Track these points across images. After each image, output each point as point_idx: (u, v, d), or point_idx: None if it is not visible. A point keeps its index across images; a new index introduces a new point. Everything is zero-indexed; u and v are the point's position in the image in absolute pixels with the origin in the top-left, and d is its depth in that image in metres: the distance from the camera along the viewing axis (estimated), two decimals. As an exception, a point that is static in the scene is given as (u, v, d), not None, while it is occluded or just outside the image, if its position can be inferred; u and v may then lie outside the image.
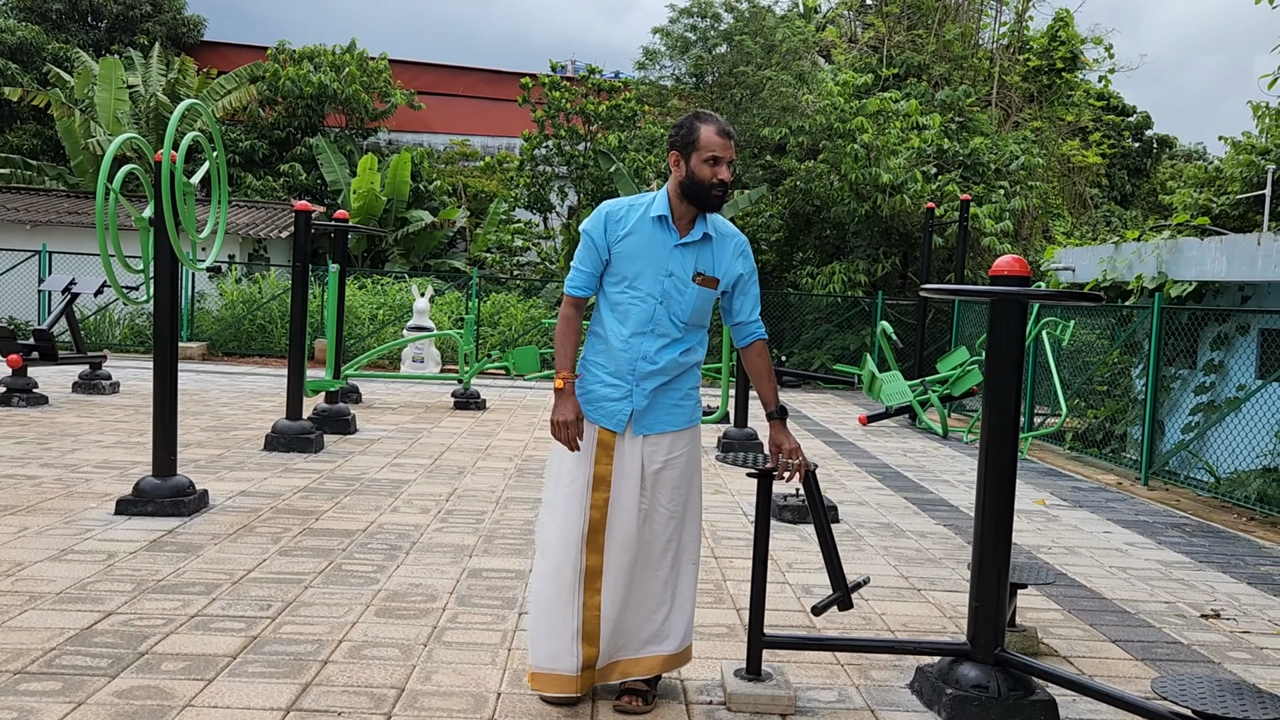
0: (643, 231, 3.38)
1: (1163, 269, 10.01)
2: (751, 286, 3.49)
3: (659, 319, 3.36)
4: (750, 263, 3.50)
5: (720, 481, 8.04)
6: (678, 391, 3.44)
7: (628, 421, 3.37)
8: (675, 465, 3.43)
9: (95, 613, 4.16)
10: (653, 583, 3.44)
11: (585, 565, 3.38)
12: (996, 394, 3.63)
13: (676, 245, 3.38)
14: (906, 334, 17.00)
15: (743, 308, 3.49)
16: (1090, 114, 23.58)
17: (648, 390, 3.38)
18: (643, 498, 3.40)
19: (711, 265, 3.41)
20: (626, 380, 3.38)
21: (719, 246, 3.43)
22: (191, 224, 6.18)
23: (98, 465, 7.35)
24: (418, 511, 6.39)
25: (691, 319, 3.40)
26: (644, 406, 3.38)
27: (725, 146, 3.33)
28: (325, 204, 23.50)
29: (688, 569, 3.49)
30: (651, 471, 3.40)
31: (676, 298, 3.36)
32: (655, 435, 3.41)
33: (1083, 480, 9.18)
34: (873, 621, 4.64)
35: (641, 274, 3.36)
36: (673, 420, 3.43)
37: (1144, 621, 4.86)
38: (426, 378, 13.80)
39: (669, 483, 3.42)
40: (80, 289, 11.80)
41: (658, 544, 3.42)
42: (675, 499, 3.43)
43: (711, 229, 3.42)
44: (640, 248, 3.37)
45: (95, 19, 28.98)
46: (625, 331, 3.37)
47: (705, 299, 3.41)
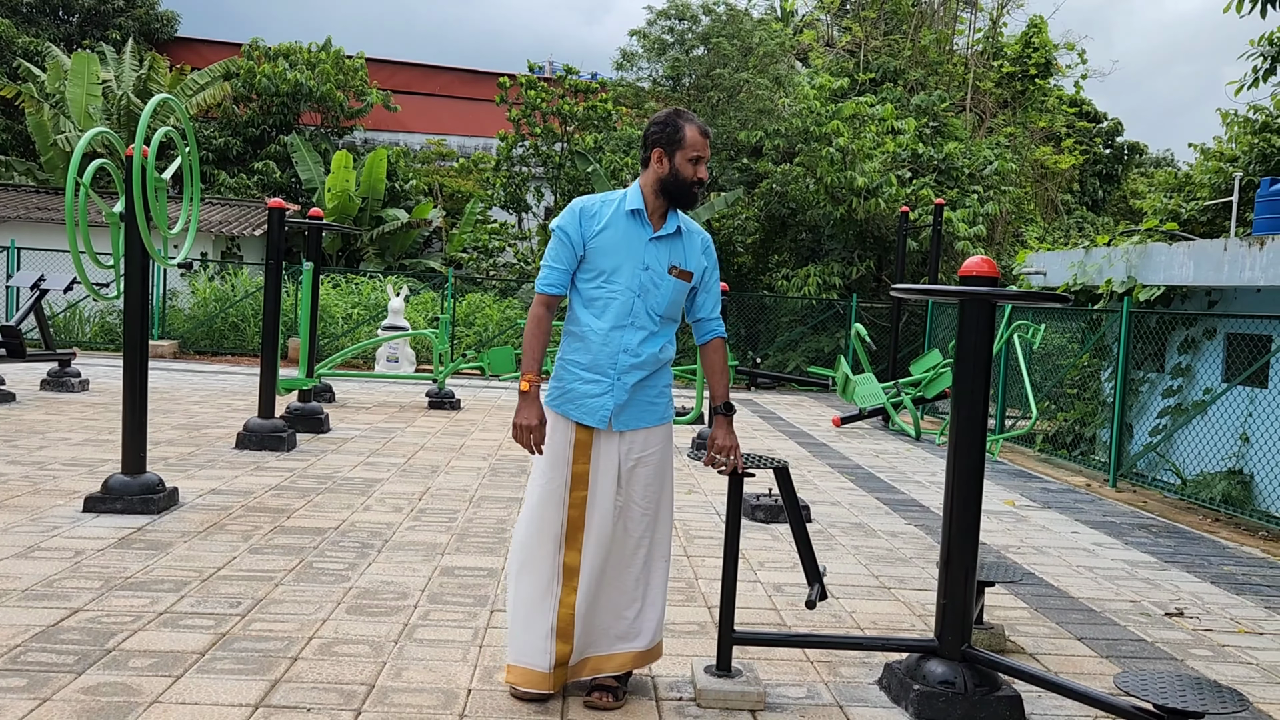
0: (618, 226, 3.42)
1: (1132, 273, 10.14)
2: (714, 283, 3.57)
3: (637, 312, 3.41)
4: (714, 259, 3.58)
5: (694, 481, 8.07)
6: (653, 388, 3.48)
7: (610, 417, 3.39)
8: (649, 462, 3.46)
9: (62, 609, 4.12)
10: (625, 579, 3.46)
11: (563, 563, 3.40)
12: (965, 392, 3.67)
13: (651, 239, 3.44)
14: (880, 337, 17.12)
15: (705, 303, 3.56)
16: (1063, 120, 23.86)
17: (629, 385, 3.40)
18: (618, 495, 3.42)
19: (684, 259, 3.47)
20: (608, 375, 3.40)
21: (689, 241, 3.50)
22: (163, 220, 6.13)
23: (66, 463, 7.27)
24: (390, 510, 6.37)
25: (666, 312, 3.46)
26: (624, 401, 3.41)
27: (705, 146, 3.44)
28: (300, 202, 23.35)
29: (659, 566, 3.52)
30: (626, 469, 3.43)
31: (653, 291, 3.41)
32: (631, 431, 3.44)
33: (1052, 482, 9.28)
34: (843, 619, 4.68)
35: (620, 268, 3.39)
36: (648, 416, 3.47)
37: (1109, 620, 4.93)
38: (401, 377, 13.75)
39: (642, 480, 3.45)
40: (49, 285, 11.66)
41: (631, 541, 3.45)
42: (649, 496, 3.46)
43: (683, 224, 3.51)
44: (616, 242, 3.41)
45: (67, 13, 28.67)
46: (604, 325, 3.40)
47: (679, 291, 3.46)
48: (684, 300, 3.51)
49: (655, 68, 20.09)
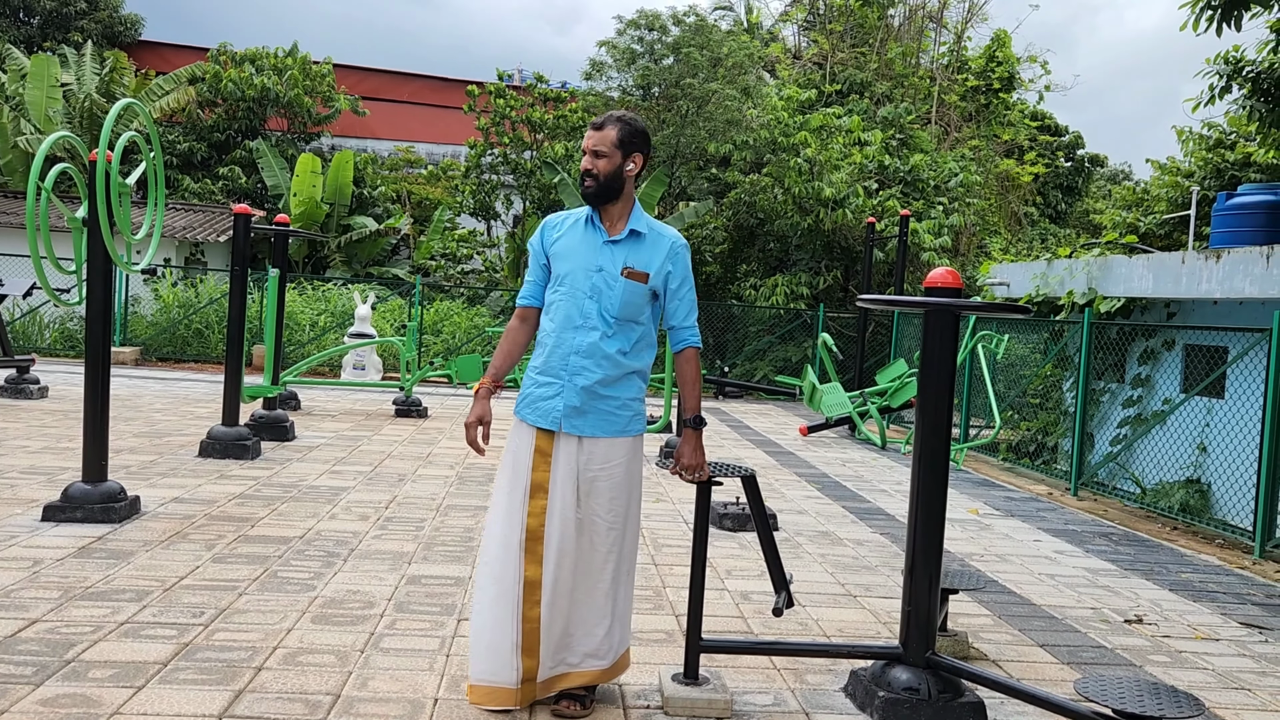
0: (575, 233, 3.52)
1: (1093, 285, 10.31)
2: (684, 290, 3.52)
3: (588, 313, 3.42)
4: (683, 266, 3.52)
5: (662, 490, 8.09)
6: (614, 398, 3.43)
7: (561, 418, 3.39)
8: (612, 475, 3.42)
9: (19, 620, 4.05)
10: (595, 596, 3.43)
11: (524, 576, 3.37)
12: (930, 401, 3.72)
13: (606, 242, 3.47)
14: (847, 346, 17.25)
15: (675, 311, 3.53)
16: (1026, 133, 24.21)
17: (580, 386, 3.39)
18: (579, 507, 3.40)
19: (644, 262, 3.46)
20: (560, 377, 3.42)
21: (652, 244, 3.49)
22: (126, 225, 6.06)
23: (24, 470, 7.15)
24: (356, 519, 6.32)
25: (620, 313, 3.43)
26: (577, 404, 3.39)
27: (590, 136, 3.49)
28: (265, 208, 23.14)
29: (626, 580, 3.51)
30: (587, 479, 3.40)
31: (606, 292, 3.42)
32: (590, 440, 3.41)
33: (1015, 490, 9.40)
34: (809, 627, 4.71)
35: (572, 271, 3.46)
36: (608, 426, 3.43)
37: (1070, 626, 5.00)
38: (367, 385, 13.66)
39: (606, 494, 3.41)
40: (7, 290, 11.47)
41: (598, 556, 3.42)
42: (614, 510, 3.42)
43: (645, 228, 3.50)
44: (572, 247, 3.49)
45: (28, 15, 28.26)
46: (555, 327, 3.45)
47: (633, 292, 3.43)
48: (644, 303, 3.46)
49: (625, 78, 20.15)
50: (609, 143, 3.44)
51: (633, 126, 3.50)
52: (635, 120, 3.54)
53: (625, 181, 3.47)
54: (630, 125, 3.49)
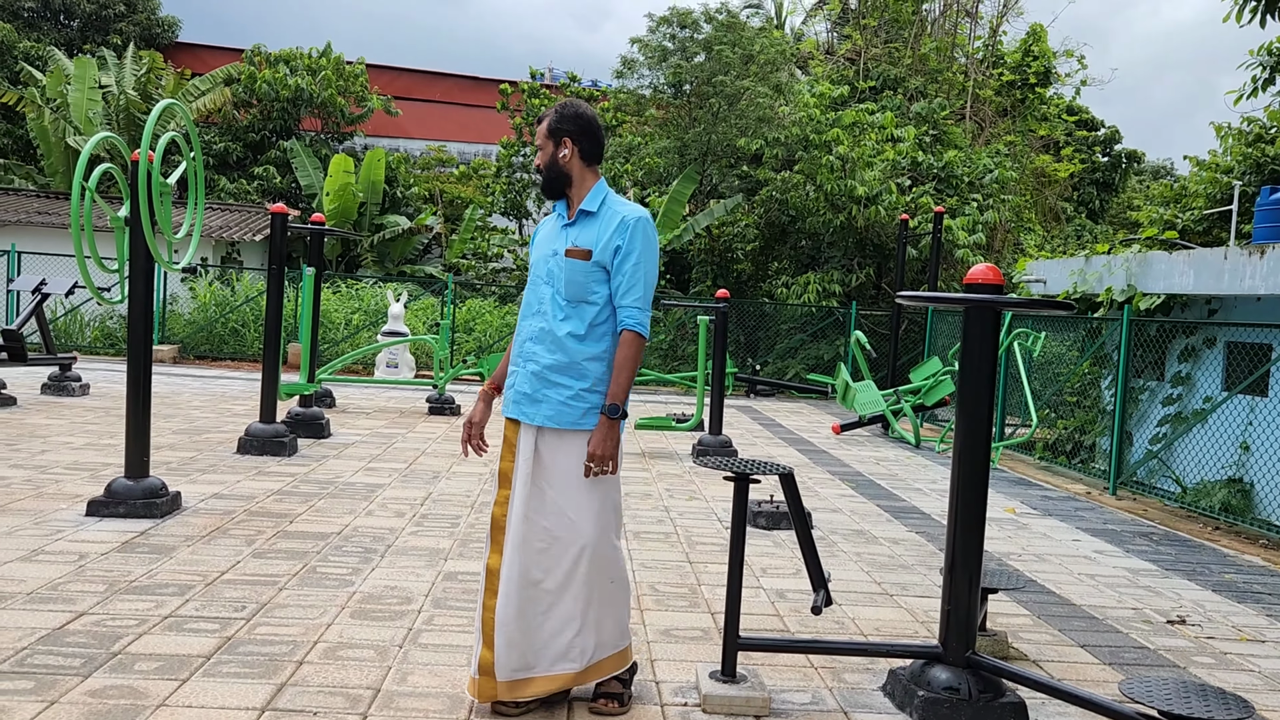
0: (546, 224, 3.54)
1: (1132, 282, 10.17)
2: (629, 266, 3.30)
3: (543, 297, 3.38)
4: (631, 241, 3.31)
5: (695, 488, 8.08)
6: (567, 389, 3.30)
7: (513, 404, 3.38)
8: (574, 470, 3.29)
9: (67, 613, 4.12)
10: (564, 597, 3.29)
11: (487, 565, 3.37)
12: (970, 399, 3.69)
13: (564, 225, 3.44)
14: (880, 344, 17.14)
15: (618, 288, 3.32)
16: (1062, 128, 23.92)
17: (530, 371, 3.34)
18: (541, 500, 3.29)
19: (589, 239, 3.34)
20: (517, 363, 3.41)
21: (604, 221, 3.36)
22: (168, 225, 6.14)
23: (68, 467, 7.27)
24: (392, 515, 6.37)
25: (568, 293, 3.32)
26: (528, 390, 3.34)
27: (538, 133, 3.45)
28: (300, 207, 23.38)
29: (604, 585, 3.33)
30: (549, 472, 3.30)
31: (559, 274, 3.35)
32: (548, 432, 3.30)
33: (1052, 490, 9.29)
34: (846, 625, 4.68)
35: (536, 261, 3.47)
36: (562, 417, 3.29)
37: (1111, 627, 4.94)
38: (401, 383, 13.75)
39: (569, 488, 3.29)
40: (50, 289, 11.67)
41: (567, 555, 3.28)
42: (580, 508, 3.28)
43: (598, 206, 3.38)
44: (540, 238, 3.51)
45: (68, 18, 28.72)
46: (520, 315, 3.47)
47: (578, 271, 3.31)
48: (590, 281, 3.31)
49: (656, 75, 20.13)
50: (542, 135, 3.41)
51: (561, 113, 3.40)
52: (566, 105, 3.43)
53: (565, 167, 3.40)
54: (559, 112, 3.41)
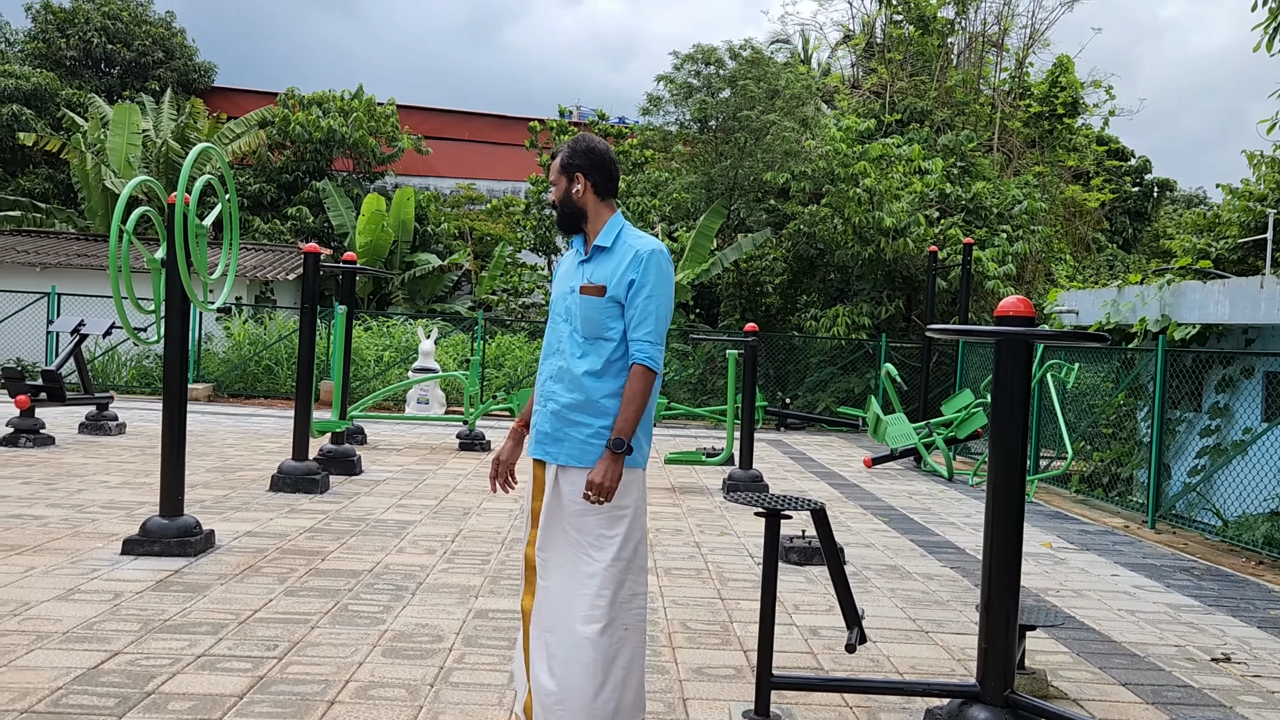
0: (565, 261, 3.46)
1: (1166, 312, 10.05)
2: (642, 300, 3.20)
3: (561, 335, 3.31)
4: (645, 274, 3.21)
5: (726, 523, 8.03)
6: (587, 427, 3.20)
7: (534, 444, 3.32)
8: (599, 510, 3.17)
9: (102, 652, 4.15)
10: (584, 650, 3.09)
11: (522, 605, 3.33)
12: (1003, 433, 3.65)
13: (580, 262, 3.35)
14: (911, 376, 17.03)
15: (630, 320, 3.22)
16: (1091, 158, 23.81)
17: (549, 411, 3.27)
18: (565, 539, 3.20)
19: (604, 274, 3.26)
20: (539, 402, 3.34)
21: (618, 255, 3.27)
22: (203, 266, 6.24)
23: (104, 505, 7.36)
24: (423, 552, 6.38)
25: (585, 330, 3.24)
26: (547, 429, 3.26)
27: (550, 169, 3.40)
28: (332, 246, 23.70)
29: (620, 634, 3.17)
30: (571, 513, 3.20)
31: (575, 311, 3.28)
32: (569, 471, 3.21)
33: (1089, 523, 9.15)
34: (881, 663, 4.62)
35: (555, 299, 3.40)
36: (582, 456, 3.20)
37: (1154, 665, 4.83)
38: (431, 419, 13.82)
39: (592, 531, 3.17)
40: (89, 330, 11.87)
41: (584, 602, 3.13)
42: (603, 550, 3.16)
43: (612, 240, 3.30)
44: (560, 276, 3.43)
45: (108, 65, 29.45)
46: (544, 356, 3.39)
47: (593, 308, 3.23)
48: (606, 317, 3.22)
49: (682, 111, 20.29)
50: (555, 171, 3.37)
51: (573, 148, 3.35)
52: (578, 140, 3.37)
53: (580, 203, 3.33)
54: (571, 148, 3.35)
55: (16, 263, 18.82)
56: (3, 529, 6.39)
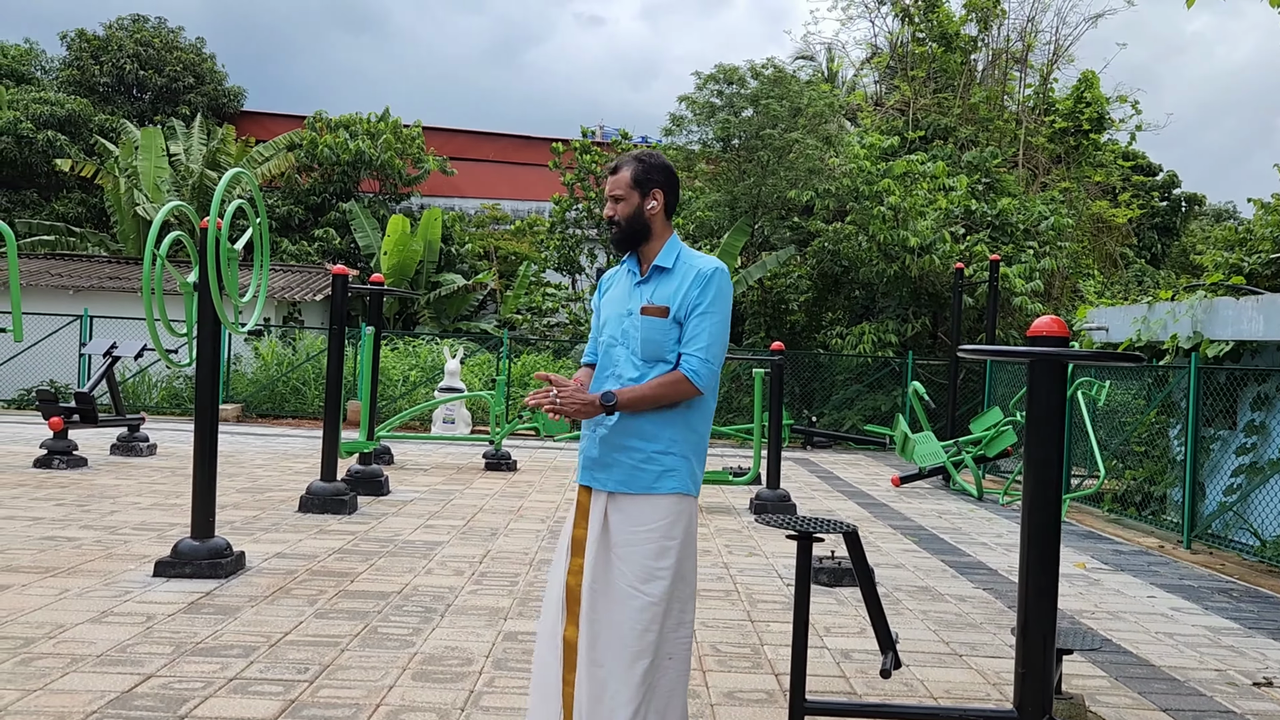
0: (618, 281, 3.33)
1: (1198, 328, 9.93)
2: (701, 318, 3.10)
3: (616, 359, 3.19)
4: (707, 293, 3.11)
5: (754, 543, 7.98)
6: (639, 452, 3.09)
7: (582, 469, 3.20)
8: (649, 540, 3.05)
9: (135, 675, 4.17)
10: (630, 675, 3.01)
11: (564, 638, 3.13)
12: (1038, 454, 3.60)
13: (638, 283, 3.23)
14: (938, 394, 16.91)
15: (684, 334, 3.12)
16: (1118, 174, 23.63)
17: (599, 436, 3.14)
18: (611, 570, 3.08)
19: (666, 295, 3.15)
20: (589, 428, 3.20)
21: (680, 276, 3.17)
22: (234, 289, 6.31)
23: (136, 527, 7.42)
24: (451, 573, 6.38)
25: (644, 353, 3.12)
26: (596, 455, 3.14)
27: (610, 183, 3.25)
28: (358, 267, 23.91)
29: (667, 666, 3.08)
30: (618, 542, 3.09)
31: (633, 334, 3.16)
32: (618, 498, 3.10)
33: (1123, 543, 9.02)
34: (914, 688, 4.56)
35: (609, 319, 3.26)
36: (634, 481, 3.08)
37: (1194, 689, 4.74)
38: (458, 439, 13.85)
39: (637, 560, 3.05)
40: (121, 352, 12.01)
41: (634, 630, 3.02)
42: (649, 581, 3.03)
43: (673, 261, 3.20)
44: (613, 296, 3.31)
45: (140, 91, 29.94)
46: (599, 378, 3.25)
47: (655, 329, 3.11)
48: (666, 340, 3.11)
49: (705, 131, 20.34)
50: (624, 184, 3.20)
51: (648, 163, 3.22)
52: (652, 156, 3.26)
53: (650, 220, 3.20)
54: (645, 162, 3.22)
55: (50, 286, 19.10)
56: (38, 551, 6.45)
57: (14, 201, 25.97)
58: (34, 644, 4.52)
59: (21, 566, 6.00)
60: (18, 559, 6.20)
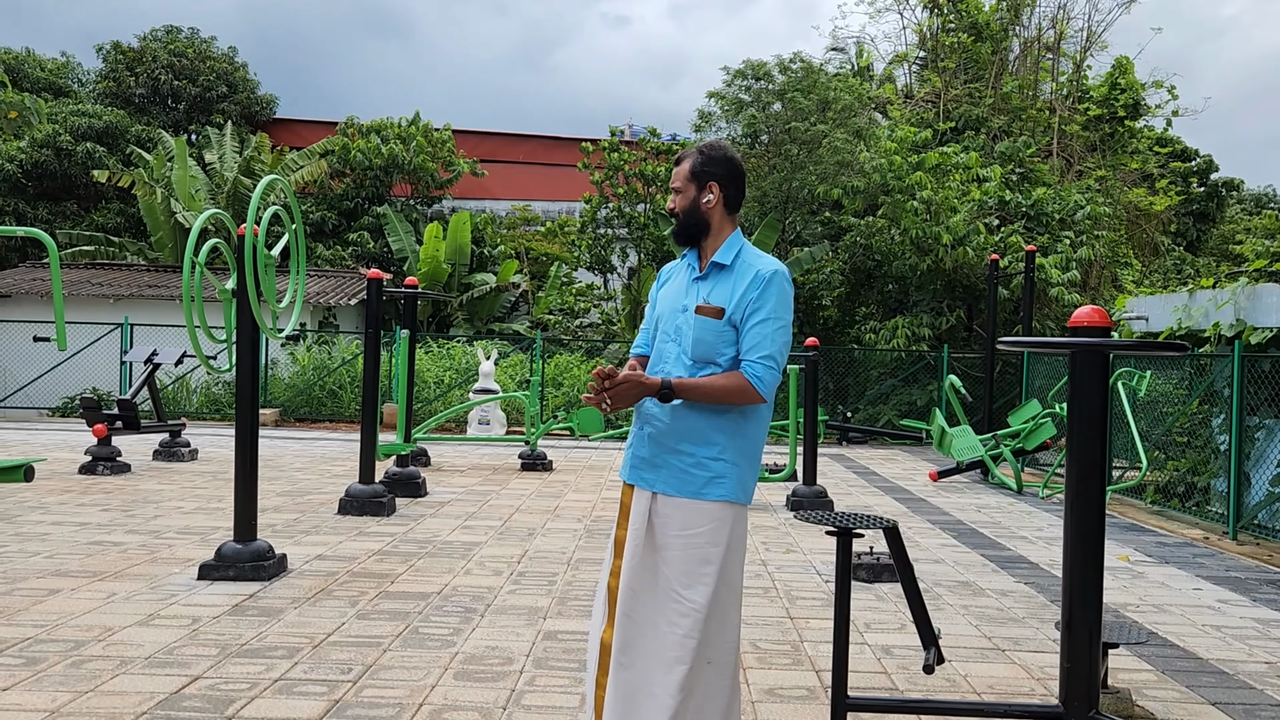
0: (677, 275, 3.23)
1: (1241, 316, 9.75)
2: (759, 322, 2.99)
3: (667, 356, 3.09)
4: (764, 295, 3.00)
5: (791, 540, 7.95)
6: (689, 456, 2.99)
7: (630, 469, 3.12)
8: (692, 545, 2.96)
9: (183, 677, 4.24)
10: (668, 682, 2.92)
11: (602, 640, 3.07)
12: (1081, 447, 3.56)
13: (695, 279, 3.12)
14: (975, 387, 16.75)
15: (743, 341, 3.01)
16: (1155, 160, 23.28)
17: (648, 435, 3.06)
18: (653, 572, 3.01)
19: (723, 295, 3.04)
20: (638, 425, 3.12)
21: (738, 275, 3.06)
22: (272, 295, 6.38)
23: (180, 531, 7.53)
24: (490, 574, 6.41)
25: (695, 353, 3.01)
26: (645, 455, 3.06)
27: (675, 174, 3.16)
28: (391, 271, 24.09)
29: (714, 678, 2.99)
30: (662, 544, 3.01)
31: (687, 331, 3.05)
32: (665, 499, 3.01)
33: (1167, 535, 8.89)
34: (957, 683, 4.52)
35: (664, 314, 3.16)
36: (683, 485, 2.99)
37: (1244, 683, 4.67)
38: (493, 440, 13.92)
39: (680, 565, 2.96)
40: (161, 359, 12.19)
41: (673, 638, 2.94)
42: (693, 588, 2.94)
43: (731, 259, 3.09)
44: (670, 290, 3.20)
45: (175, 101, 30.36)
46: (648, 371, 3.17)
47: (708, 330, 3.01)
48: (719, 341, 3.01)
49: (733, 127, 20.29)
50: (683, 177, 3.11)
51: (708, 155, 3.11)
52: (714, 148, 3.13)
53: (707, 214, 3.10)
54: (705, 154, 3.11)
55: (91, 295, 19.43)
56: (86, 555, 6.57)
57: (54, 213, 26.43)
58: (84, 646, 4.60)
59: (70, 571, 6.12)
60: (66, 563, 6.32)
